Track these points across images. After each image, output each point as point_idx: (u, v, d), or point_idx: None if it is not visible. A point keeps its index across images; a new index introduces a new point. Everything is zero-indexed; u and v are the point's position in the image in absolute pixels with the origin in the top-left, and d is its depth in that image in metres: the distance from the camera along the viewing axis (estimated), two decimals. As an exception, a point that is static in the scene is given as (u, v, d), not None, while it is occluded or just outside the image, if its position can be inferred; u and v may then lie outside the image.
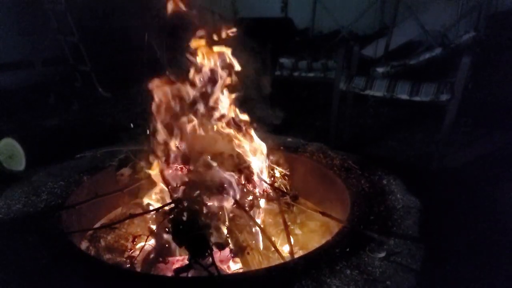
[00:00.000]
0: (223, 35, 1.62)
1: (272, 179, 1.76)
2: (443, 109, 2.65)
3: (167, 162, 1.64)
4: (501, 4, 4.04)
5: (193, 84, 1.67)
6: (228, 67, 1.67)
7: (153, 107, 1.64)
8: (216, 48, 1.62)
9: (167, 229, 1.40)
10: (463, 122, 3.30)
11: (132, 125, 1.97)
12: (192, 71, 1.68)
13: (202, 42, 1.61)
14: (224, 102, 1.72)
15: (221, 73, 1.68)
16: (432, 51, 3.24)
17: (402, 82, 2.77)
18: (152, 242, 1.51)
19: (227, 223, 1.44)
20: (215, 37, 1.62)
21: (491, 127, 3.46)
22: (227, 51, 1.64)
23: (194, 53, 1.66)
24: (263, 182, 1.66)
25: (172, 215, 1.40)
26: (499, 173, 2.64)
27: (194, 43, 1.61)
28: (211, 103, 1.69)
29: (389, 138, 3.36)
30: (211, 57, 1.66)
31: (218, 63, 1.66)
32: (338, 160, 2.02)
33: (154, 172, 1.67)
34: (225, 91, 1.71)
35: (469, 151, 3.07)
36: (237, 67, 1.67)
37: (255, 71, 1.74)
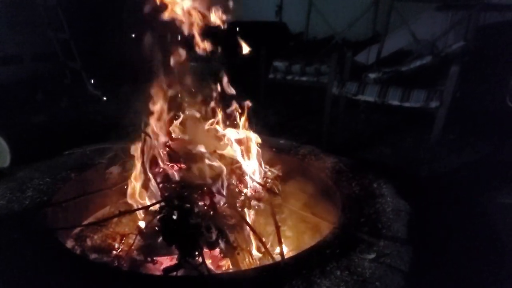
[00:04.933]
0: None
1: (264, 179, 1.76)
2: (433, 115, 2.69)
3: (158, 160, 1.62)
4: (489, 16, 4.14)
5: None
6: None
7: (145, 105, 1.62)
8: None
9: (156, 228, 1.38)
10: (451, 129, 3.35)
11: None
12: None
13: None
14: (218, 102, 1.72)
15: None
16: (422, 59, 3.28)
17: (393, 88, 2.80)
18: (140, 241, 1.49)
19: (217, 223, 1.42)
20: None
21: (478, 135, 3.52)
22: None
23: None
24: (255, 183, 1.66)
25: (162, 214, 1.39)
26: (486, 179, 2.69)
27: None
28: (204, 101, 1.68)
29: (380, 143, 3.39)
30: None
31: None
32: (330, 163, 2.03)
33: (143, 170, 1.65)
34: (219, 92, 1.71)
35: (457, 157, 3.12)
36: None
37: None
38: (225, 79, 1.73)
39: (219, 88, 1.74)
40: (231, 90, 1.75)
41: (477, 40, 3.43)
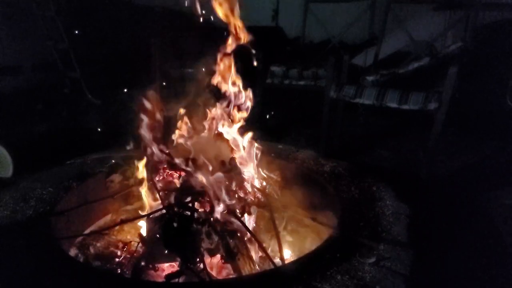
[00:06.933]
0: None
1: (263, 185, 1.77)
2: (431, 117, 2.70)
3: (159, 167, 1.63)
4: (487, 16, 4.15)
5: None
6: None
7: (143, 112, 1.64)
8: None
9: (158, 235, 1.40)
10: (451, 131, 3.36)
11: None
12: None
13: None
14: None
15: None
16: (420, 61, 3.29)
17: (391, 91, 2.81)
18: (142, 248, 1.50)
19: (218, 229, 1.44)
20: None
21: (478, 136, 3.53)
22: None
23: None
24: (254, 188, 1.67)
25: (163, 221, 1.40)
26: (486, 180, 2.69)
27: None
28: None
29: (379, 146, 3.39)
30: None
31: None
32: (329, 167, 2.04)
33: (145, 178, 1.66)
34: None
35: (457, 158, 3.12)
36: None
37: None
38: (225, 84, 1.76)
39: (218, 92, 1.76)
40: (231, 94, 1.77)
41: (476, 40, 3.45)
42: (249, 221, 1.59)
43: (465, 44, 3.21)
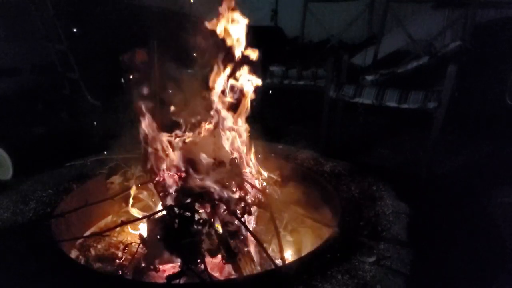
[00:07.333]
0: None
1: (263, 185, 1.77)
2: (431, 116, 2.70)
3: (158, 169, 1.64)
4: (486, 14, 4.16)
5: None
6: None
7: (143, 113, 1.64)
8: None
9: (158, 237, 1.40)
10: (450, 130, 3.36)
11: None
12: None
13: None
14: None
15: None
16: (419, 60, 3.30)
17: (390, 90, 2.81)
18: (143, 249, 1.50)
19: (219, 229, 1.44)
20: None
21: (478, 134, 3.53)
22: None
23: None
24: (255, 189, 1.67)
25: (164, 223, 1.40)
26: (486, 179, 2.70)
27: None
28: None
29: (378, 146, 3.40)
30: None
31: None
32: (329, 167, 2.05)
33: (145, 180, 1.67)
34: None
35: (457, 157, 3.13)
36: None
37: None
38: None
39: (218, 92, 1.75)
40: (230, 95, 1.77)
41: (475, 38, 3.45)
42: (250, 221, 1.59)
43: (464, 42, 3.22)
